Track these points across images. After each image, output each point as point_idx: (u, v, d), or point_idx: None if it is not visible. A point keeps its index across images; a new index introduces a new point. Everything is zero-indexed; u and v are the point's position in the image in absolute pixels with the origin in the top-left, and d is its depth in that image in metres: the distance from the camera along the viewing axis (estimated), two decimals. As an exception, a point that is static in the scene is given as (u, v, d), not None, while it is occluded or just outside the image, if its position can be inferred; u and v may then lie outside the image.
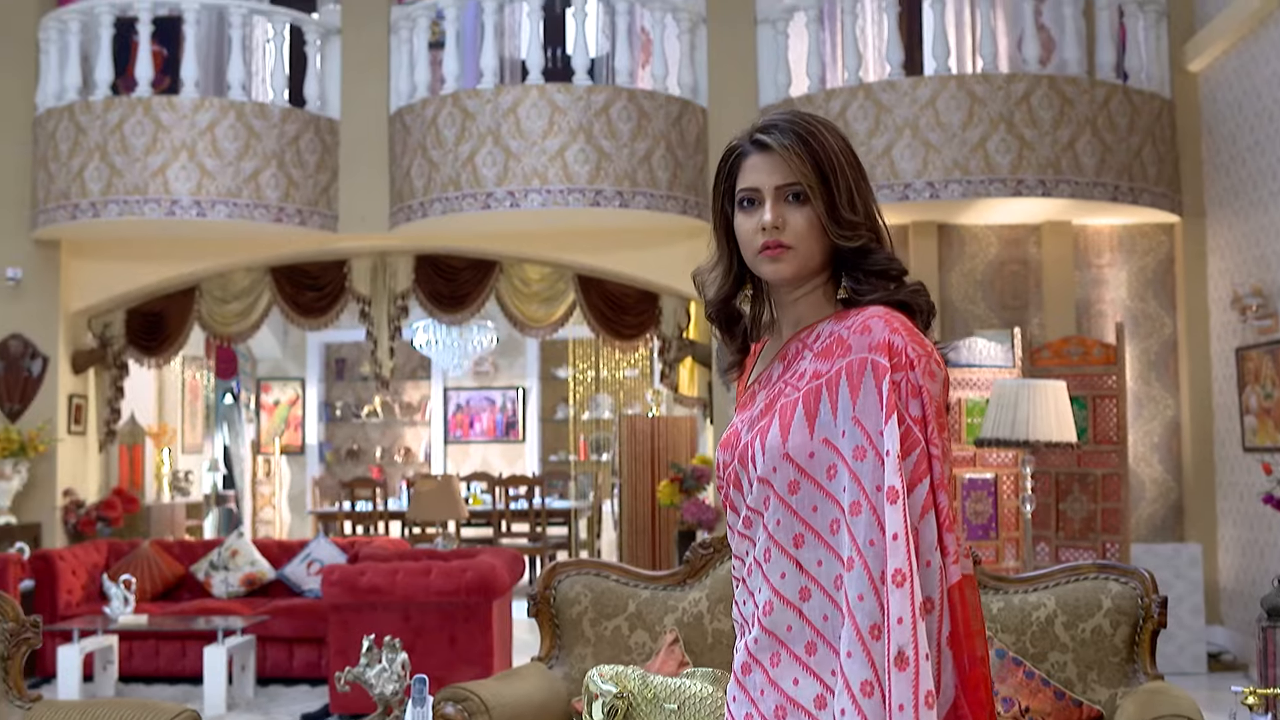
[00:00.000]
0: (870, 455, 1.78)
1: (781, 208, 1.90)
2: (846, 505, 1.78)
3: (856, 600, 1.74)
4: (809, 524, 1.84)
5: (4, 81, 9.52)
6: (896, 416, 1.78)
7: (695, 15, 9.32)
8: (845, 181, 1.90)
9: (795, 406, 1.87)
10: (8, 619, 3.88)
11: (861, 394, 1.80)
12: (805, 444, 1.84)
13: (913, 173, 8.42)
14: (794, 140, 1.90)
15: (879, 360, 1.81)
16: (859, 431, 1.80)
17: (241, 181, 8.95)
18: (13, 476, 9.12)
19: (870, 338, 1.83)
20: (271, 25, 9.62)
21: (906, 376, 1.79)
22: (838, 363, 1.85)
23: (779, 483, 1.86)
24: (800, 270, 1.91)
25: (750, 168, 1.94)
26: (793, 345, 1.96)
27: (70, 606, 8.24)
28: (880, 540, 1.74)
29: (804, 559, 1.84)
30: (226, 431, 14.84)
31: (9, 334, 9.47)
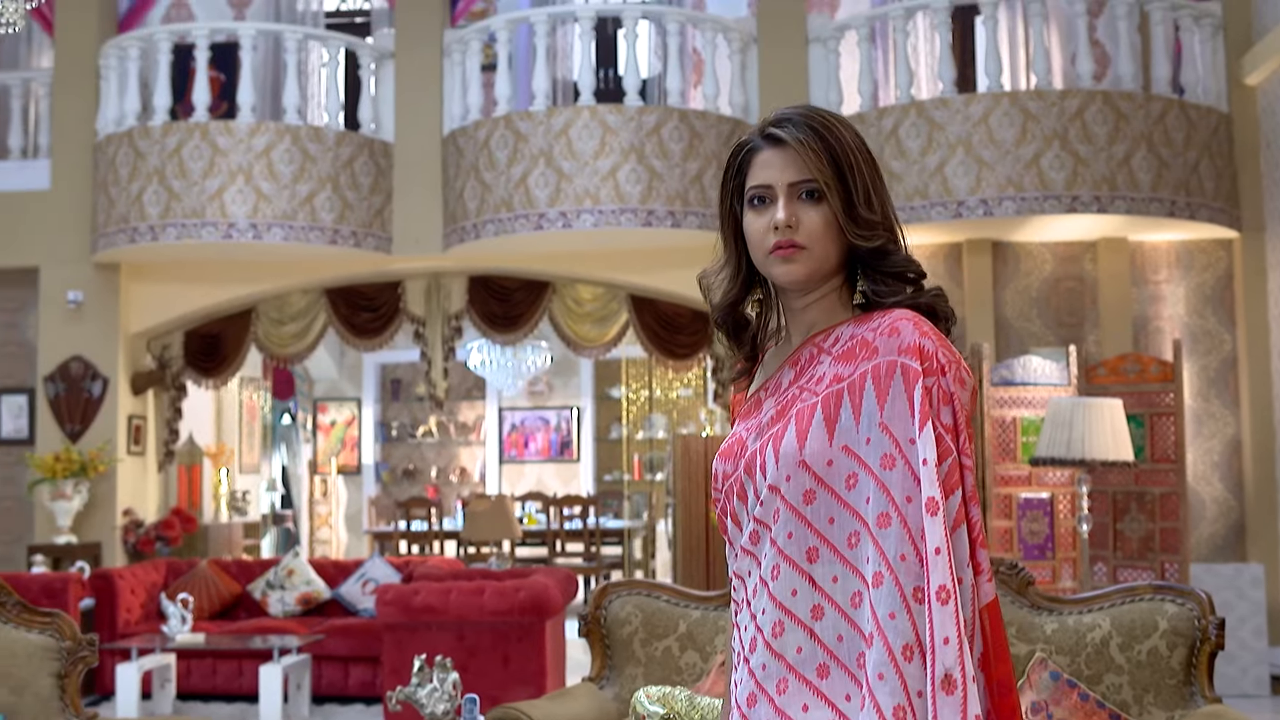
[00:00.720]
0: (900, 464, 1.67)
1: (795, 206, 1.79)
2: (872, 517, 1.67)
3: (887, 619, 1.63)
4: (824, 537, 1.72)
5: (66, 107, 9.69)
6: (931, 423, 1.67)
7: (746, 35, 9.33)
8: (862, 179, 1.79)
9: (813, 411, 1.74)
10: (65, 638, 3.94)
11: (890, 399, 1.70)
12: (823, 451, 1.72)
13: (966, 190, 8.37)
14: (809, 134, 1.79)
15: (909, 364, 1.70)
16: (886, 438, 1.69)
17: (297, 204, 9.05)
18: (74, 496, 9.24)
19: (899, 340, 1.72)
20: (326, 50, 9.72)
21: (938, 382, 1.69)
22: (862, 366, 1.73)
23: (792, 492, 1.73)
24: (814, 272, 1.80)
25: (762, 164, 1.82)
26: (806, 350, 1.84)
27: (129, 625, 8.33)
28: (912, 555, 1.63)
29: (818, 575, 1.72)
30: (284, 452, 14.97)
31: (70, 356, 9.61)
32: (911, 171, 8.52)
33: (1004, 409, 7.25)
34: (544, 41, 9.09)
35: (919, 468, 1.66)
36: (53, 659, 3.91)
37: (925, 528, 1.63)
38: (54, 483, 9.16)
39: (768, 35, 9.35)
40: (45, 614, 3.98)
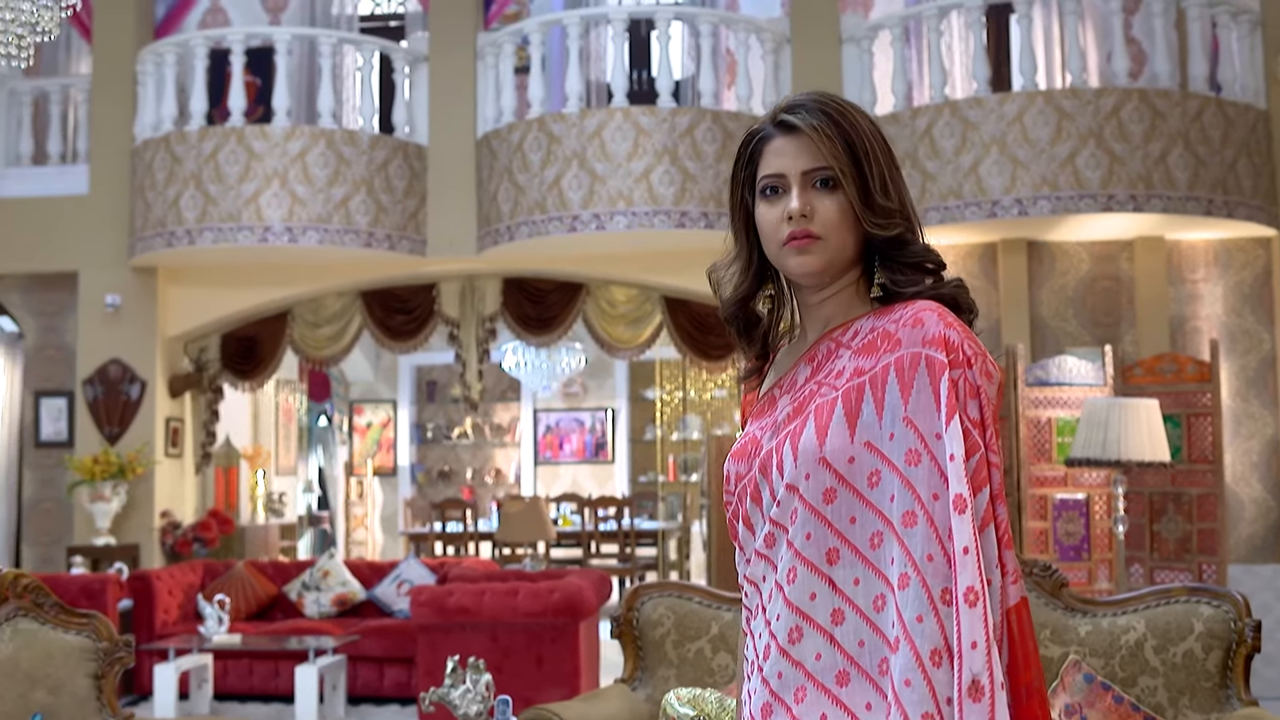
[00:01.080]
0: (925, 460, 1.59)
1: (809, 195, 1.71)
2: (896, 516, 1.59)
3: (915, 622, 1.55)
4: (845, 537, 1.63)
5: (104, 113, 9.78)
6: (958, 417, 1.60)
7: (779, 36, 9.32)
8: (879, 165, 1.71)
9: (833, 406, 1.66)
10: (101, 639, 3.97)
11: (914, 392, 1.62)
12: (845, 447, 1.64)
13: (1000, 189, 8.33)
14: (823, 120, 1.71)
15: (935, 355, 1.63)
16: (911, 433, 1.61)
17: (332, 208, 9.10)
18: (112, 498, 9.32)
19: (923, 331, 1.64)
20: (361, 54, 9.76)
21: (964, 374, 1.62)
22: (884, 358, 1.66)
23: (811, 491, 1.65)
24: (830, 263, 1.73)
25: (774, 152, 1.75)
26: (823, 345, 1.77)
27: (167, 626, 8.40)
28: (940, 555, 1.56)
29: (838, 577, 1.64)
30: (321, 453, 15.05)
31: (108, 359, 9.69)
32: (945, 171, 8.48)
33: (1039, 409, 7.21)
34: (576, 44, 9.10)
35: (946, 464, 1.58)
36: (90, 660, 3.95)
37: (953, 526, 1.55)
38: (93, 485, 9.25)
39: (801, 35, 9.33)
40: (82, 615, 4.01)
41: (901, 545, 1.59)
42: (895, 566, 1.59)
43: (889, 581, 1.60)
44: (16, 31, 3.08)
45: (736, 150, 1.83)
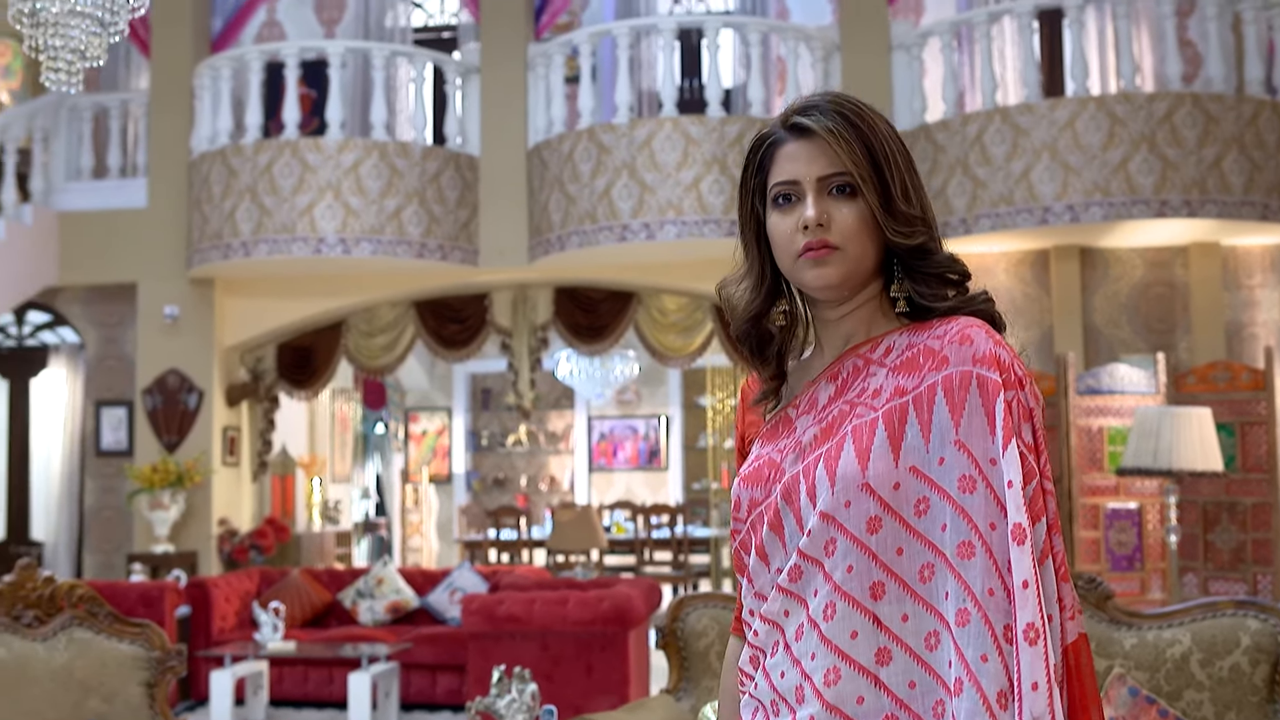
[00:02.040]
0: (981, 486, 1.48)
1: (825, 202, 1.59)
2: (951, 547, 1.48)
3: (979, 662, 1.44)
4: (892, 570, 1.51)
5: (162, 127, 9.94)
6: (1015, 442, 1.49)
7: (829, 43, 9.31)
8: (899, 170, 1.60)
9: (874, 428, 1.54)
10: (154, 647, 4.05)
11: (966, 413, 1.51)
12: (889, 473, 1.51)
13: (1052, 195, 8.28)
14: (839, 123, 1.60)
15: (987, 375, 1.51)
16: (964, 458, 1.49)
17: (385, 219, 9.19)
18: (171, 506, 9.46)
19: (973, 349, 1.53)
20: (413, 66, 9.86)
21: (1018, 396, 1.51)
22: (929, 377, 1.54)
23: (853, 520, 1.52)
24: (849, 275, 1.61)
25: (786, 157, 1.63)
26: (848, 362, 1.64)
27: (223, 632, 8.51)
28: (1000, 589, 1.45)
29: (884, 614, 1.51)
30: (379, 460, 15.19)
31: (167, 369, 9.84)
32: (996, 178, 8.44)
33: (1090, 418, 7.16)
34: (626, 53, 9.14)
35: (1003, 491, 1.47)
36: (142, 668, 4.02)
37: (1012, 558, 1.45)
38: (152, 493, 9.39)
39: (850, 42, 9.32)
40: (135, 624, 4.09)
41: (959, 579, 1.47)
42: (951, 601, 1.48)
43: (943, 618, 1.49)
44: (66, 58, 3.16)
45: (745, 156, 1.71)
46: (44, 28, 3.15)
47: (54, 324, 10.73)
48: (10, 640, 3.91)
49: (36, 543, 10.84)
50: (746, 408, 1.79)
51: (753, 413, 1.76)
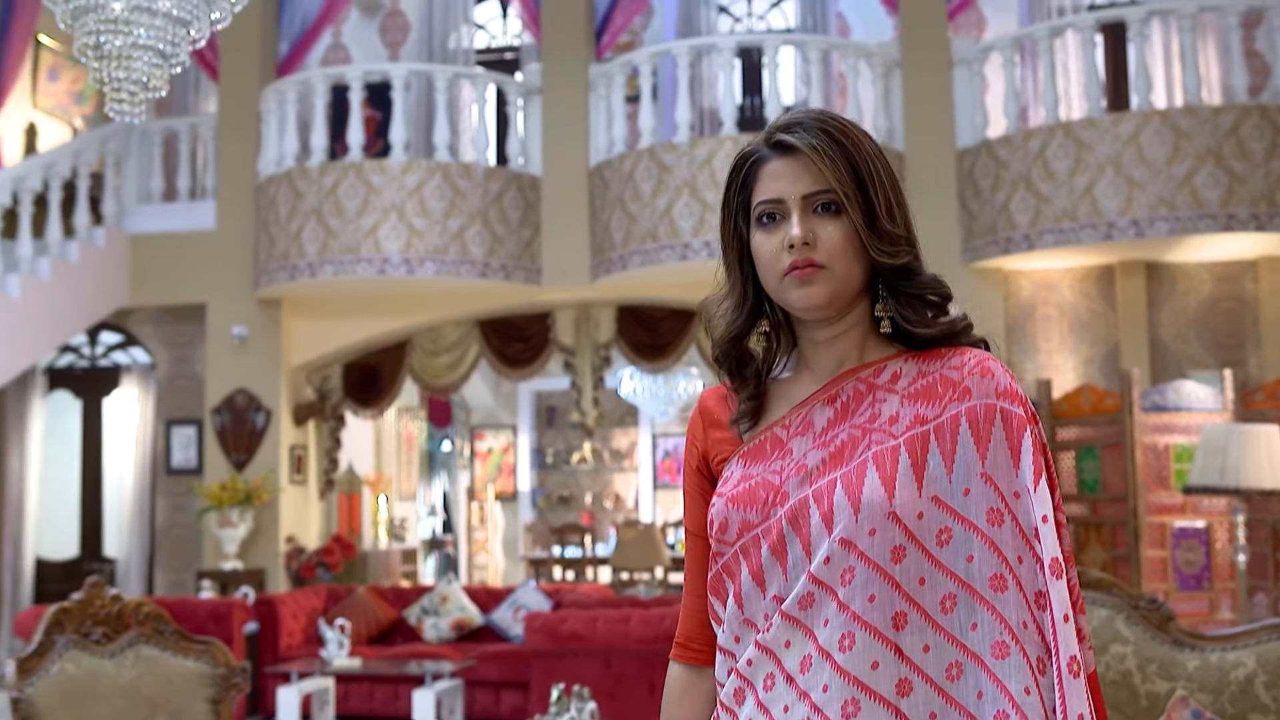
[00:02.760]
0: (1008, 520, 1.50)
1: (811, 220, 1.57)
2: (982, 579, 1.49)
3: (1023, 695, 1.45)
4: (914, 600, 1.49)
5: (231, 150, 10.10)
6: (1045, 478, 1.51)
7: (889, 60, 9.29)
8: (884, 188, 1.59)
9: (896, 455, 1.52)
10: (219, 665, 4.11)
11: (991, 447, 1.52)
12: (913, 502, 1.50)
13: (1116, 211, 8.20)
14: (823, 140, 1.57)
15: (1011, 410, 1.54)
16: (991, 491, 1.51)
17: (448, 239, 9.28)
18: (239, 524, 9.59)
19: (994, 382, 1.55)
20: (475, 87, 9.96)
21: (1037, 431, 1.54)
22: (952, 407, 1.54)
23: (876, 548, 1.49)
24: (836, 294, 1.58)
25: (770, 175, 1.60)
26: (847, 385, 1.61)
27: (291, 649, 8.61)
28: (1032, 622, 1.48)
29: (905, 644, 1.49)
30: (445, 478, 15.30)
31: (235, 389, 9.98)
32: (1060, 193, 8.38)
33: (1156, 435, 7.08)
34: (686, 73, 9.18)
35: (1037, 525, 1.50)
36: (208, 685, 4.09)
37: (1051, 592, 1.47)
38: (221, 511, 9.52)
39: (911, 59, 9.29)
40: (201, 642, 4.15)
41: (992, 611, 1.48)
42: (984, 634, 1.48)
43: (966, 648, 1.49)
44: (130, 89, 3.24)
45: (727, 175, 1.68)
46: (108, 60, 3.24)
47: (126, 344, 10.93)
48: (80, 657, 3.99)
49: (109, 560, 11.02)
50: (710, 425, 1.72)
51: (720, 430, 1.71)
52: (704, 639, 1.70)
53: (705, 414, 1.73)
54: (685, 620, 1.73)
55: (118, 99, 3.35)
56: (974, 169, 8.88)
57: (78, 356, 11.16)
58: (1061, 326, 9.04)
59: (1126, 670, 3.63)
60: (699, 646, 1.71)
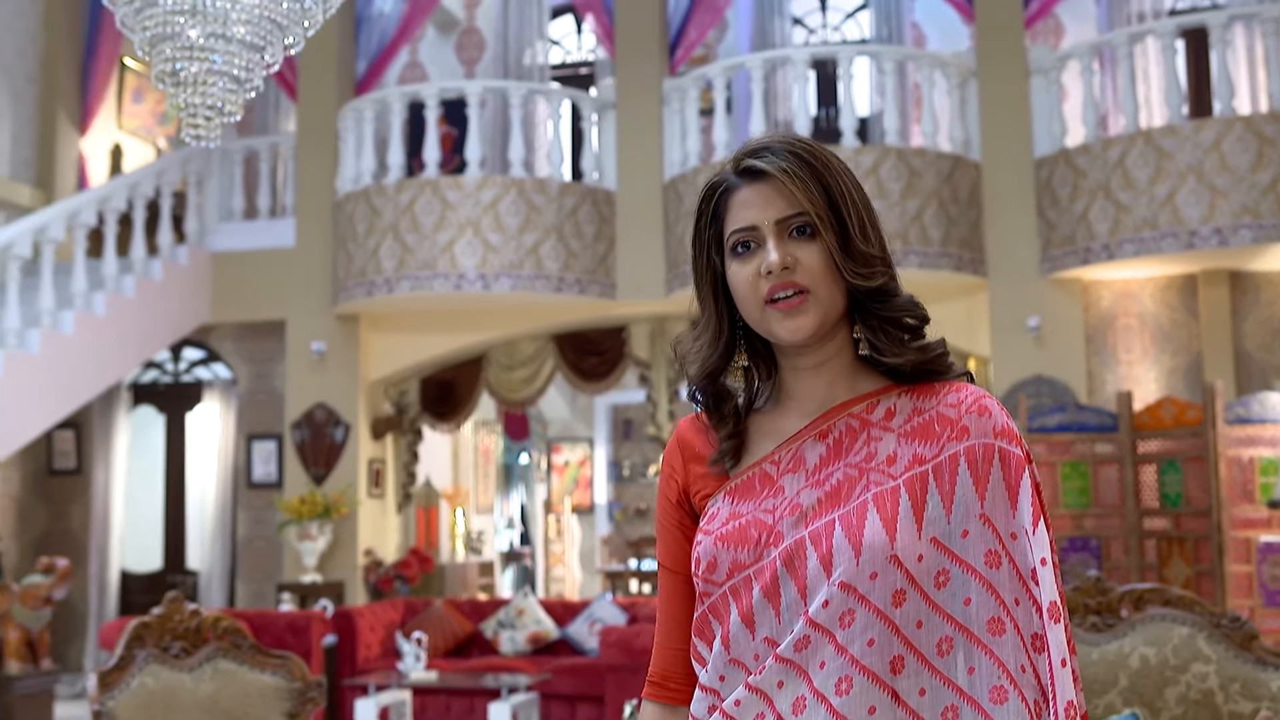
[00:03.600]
0: (1005, 562, 1.48)
1: (788, 245, 1.53)
2: (979, 622, 1.47)
3: None
4: (912, 644, 1.47)
5: (309, 169, 10.24)
6: (1044, 520, 1.50)
7: (965, 70, 9.22)
8: (857, 209, 1.55)
9: (896, 496, 1.49)
10: (295, 678, 4.16)
11: (989, 487, 1.50)
12: (913, 544, 1.47)
13: (1198, 219, 8.07)
14: (793, 162, 1.54)
15: (1009, 450, 1.52)
16: (989, 532, 1.49)
17: (523, 254, 9.33)
18: (319, 537, 9.70)
19: (992, 422, 1.52)
20: (550, 103, 10.02)
21: (1033, 471, 1.53)
22: (950, 447, 1.51)
23: (878, 593, 1.46)
24: (824, 319, 1.54)
25: (741, 203, 1.57)
26: (839, 421, 1.57)
27: (368, 661, 8.68)
28: (1029, 666, 1.46)
29: (902, 688, 1.47)
30: (523, 491, 15.38)
31: (314, 403, 10.11)
32: (1140, 202, 8.26)
33: (1240, 448, 6.94)
34: (760, 85, 9.16)
35: (1035, 567, 1.48)
36: (284, 699, 4.13)
37: (1049, 637, 1.46)
38: (300, 524, 9.64)
39: (987, 68, 9.21)
40: (277, 656, 4.21)
41: (990, 655, 1.46)
42: (982, 678, 1.46)
43: (962, 691, 1.46)
44: (205, 114, 3.31)
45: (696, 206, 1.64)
46: (184, 86, 3.31)
47: (208, 360, 11.11)
48: (159, 670, 4.05)
49: (192, 572, 11.20)
50: (690, 458, 1.67)
51: (700, 464, 1.65)
52: (680, 677, 1.65)
53: (684, 446, 1.68)
54: (660, 657, 1.68)
55: (194, 124, 3.42)
56: (1052, 178, 8.78)
57: (161, 372, 11.36)
58: (1143, 337, 8.91)
59: (1208, 690, 3.57)
60: (676, 685, 1.66)
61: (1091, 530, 7.35)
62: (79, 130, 11.24)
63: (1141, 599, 3.57)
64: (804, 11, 12.19)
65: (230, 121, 3.45)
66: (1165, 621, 3.49)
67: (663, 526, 1.69)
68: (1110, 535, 7.32)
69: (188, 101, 3.37)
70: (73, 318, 9.05)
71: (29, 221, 9.03)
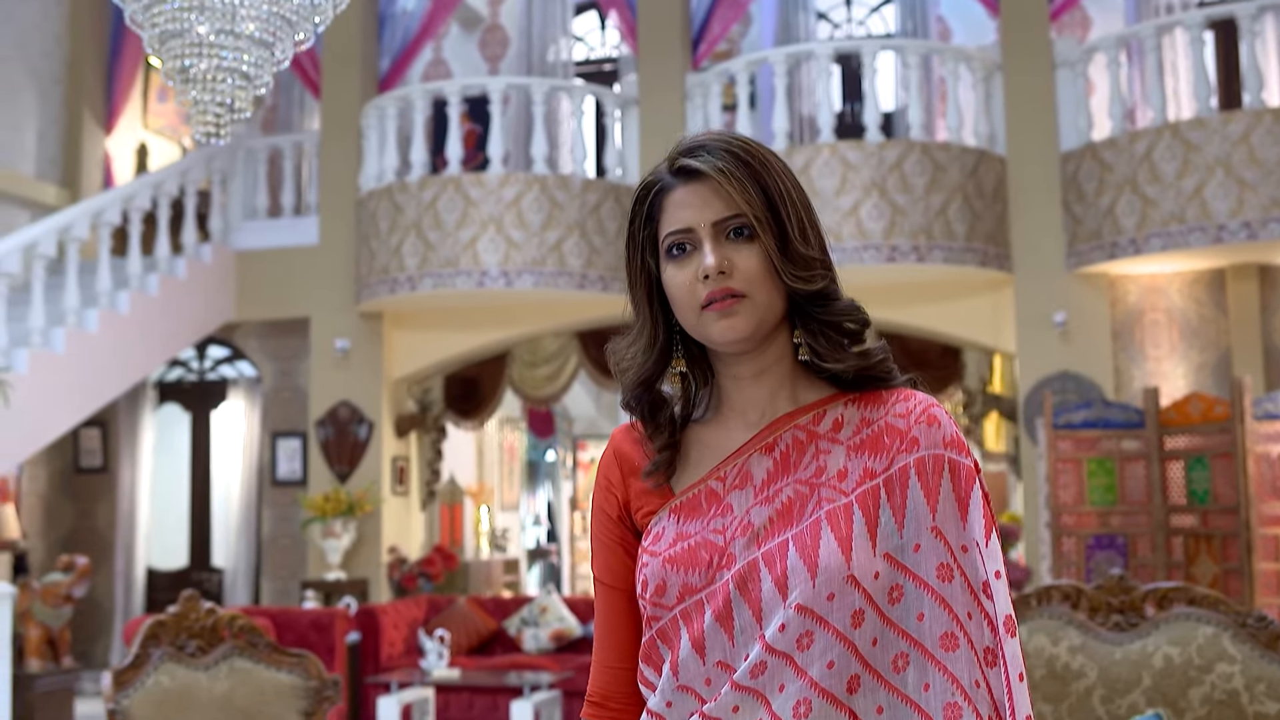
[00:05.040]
0: (957, 575, 1.44)
1: (724, 248, 1.48)
2: (932, 637, 1.43)
3: None
4: (868, 663, 1.43)
5: (333, 166, 10.25)
6: (995, 531, 1.47)
7: (990, 64, 9.15)
8: (796, 210, 1.49)
9: (850, 514, 1.45)
10: (311, 677, 4.15)
11: (940, 499, 1.46)
12: (869, 562, 1.43)
13: (1227, 213, 7.98)
14: (730, 162, 1.48)
15: (959, 460, 1.48)
16: (941, 545, 1.45)
17: (546, 251, 9.31)
18: (343, 535, 9.71)
19: (941, 432, 1.48)
20: (572, 100, 9.99)
21: (982, 483, 1.49)
22: (900, 459, 1.47)
23: (836, 614, 1.42)
24: (760, 324, 1.48)
25: (676, 204, 1.51)
26: (786, 434, 1.52)
27: (392, 659, 8.68)
28: (982, 680, 1.43)
29: (859, 707, 1.43)
30: (550, 488, 15.38)
31: (338, 401, 10.12)
32: (1167, 196, 8.18)
33: (1269, 444, 6.86)
34: (784, 80, 9.11)
35: (988, 579, 1.44)
36: (300, 697, 4.12)
37: (1004, 651, 1.42)
38: (324, 521, 9.65)
39: (1012, 61, 9.13)
40: (294, 654, 4.20)
41: (944, 671, 1.43)
42: (936, 694, 1.43)
43: (919, 708, 1.43)
44: (215, 110, 3.30)
45: (631, 206, 1.57)
46: (194, 83, 3.30)
47: (232, 358, 11.14)
48: (175, 669, 4.05)
49: (217, 570, 11.23)
50: (630, 473, 1.60)
51: (640, 479, 1.58)
52: (622, 696, 1.59)
53: (622, 460, 1.61)
54: (600, 676, 1.61)
55: (203, 120, 3.41)
56: (1078, 172, 8.70)
57: (186, 370, 11.40)
58: (1170, 333, 8.82)
59: (1233, 690, 3.51)
60: (616, 705, 1.59)
61: (1118, 528, 7.28)
62: (104, 130, 11.29)
63: (1165, 598, 3.52)
64: (828, 6, 12.13)
65: (241, 118, 3.44)
66: (1189, 620, 3.44)
67: (600, 542, 1.62)
68: (1137, 533, 7.25)
69: (198, 98, 3.36)
70: (98, 316, 9.08)
71: (54, 220, 9.07)
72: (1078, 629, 3.44)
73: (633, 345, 1.58)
